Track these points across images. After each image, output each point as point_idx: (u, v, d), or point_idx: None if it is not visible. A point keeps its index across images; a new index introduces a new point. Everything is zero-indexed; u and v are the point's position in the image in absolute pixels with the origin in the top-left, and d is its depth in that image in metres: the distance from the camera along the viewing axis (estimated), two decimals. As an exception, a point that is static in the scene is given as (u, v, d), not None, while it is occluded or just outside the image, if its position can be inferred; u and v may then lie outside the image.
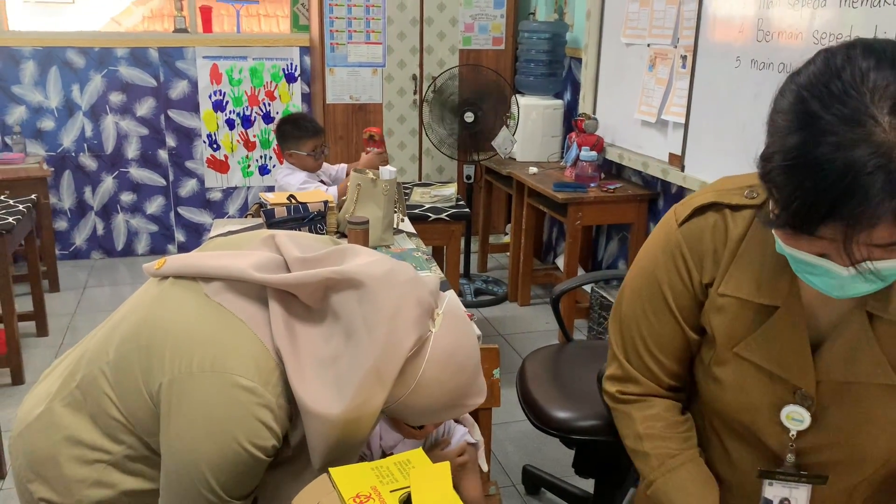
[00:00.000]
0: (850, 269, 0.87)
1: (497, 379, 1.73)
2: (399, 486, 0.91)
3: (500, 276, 4.56)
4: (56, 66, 4.45)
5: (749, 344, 1.08)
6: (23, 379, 3.22)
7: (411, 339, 1.04)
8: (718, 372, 1.13)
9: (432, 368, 1.07)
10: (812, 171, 0.82)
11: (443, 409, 1.12)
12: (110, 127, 4.62)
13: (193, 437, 1.03)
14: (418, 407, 1.09)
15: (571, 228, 3.60)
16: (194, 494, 1.05)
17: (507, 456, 2.81)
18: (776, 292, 1.05)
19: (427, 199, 3.45)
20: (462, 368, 1.10)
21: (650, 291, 1.20)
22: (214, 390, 1.02)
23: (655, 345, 1.21)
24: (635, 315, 1.23)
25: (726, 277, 1.09)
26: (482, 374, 1.16)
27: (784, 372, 1.06)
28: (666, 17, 3.43)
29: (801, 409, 1.07)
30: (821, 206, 0.82)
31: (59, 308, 3.98)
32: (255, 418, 1.02)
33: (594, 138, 3.89)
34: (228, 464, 1.03)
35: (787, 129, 0.85)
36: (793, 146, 0.84)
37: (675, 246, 1.15)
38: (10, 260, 3.11)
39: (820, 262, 0.89)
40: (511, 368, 2.59)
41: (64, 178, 4.63)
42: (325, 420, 1.02)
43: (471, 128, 4.12)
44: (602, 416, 1.89)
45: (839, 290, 0.92)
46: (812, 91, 0.85)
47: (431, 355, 1.07)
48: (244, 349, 1.05)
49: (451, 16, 4.62)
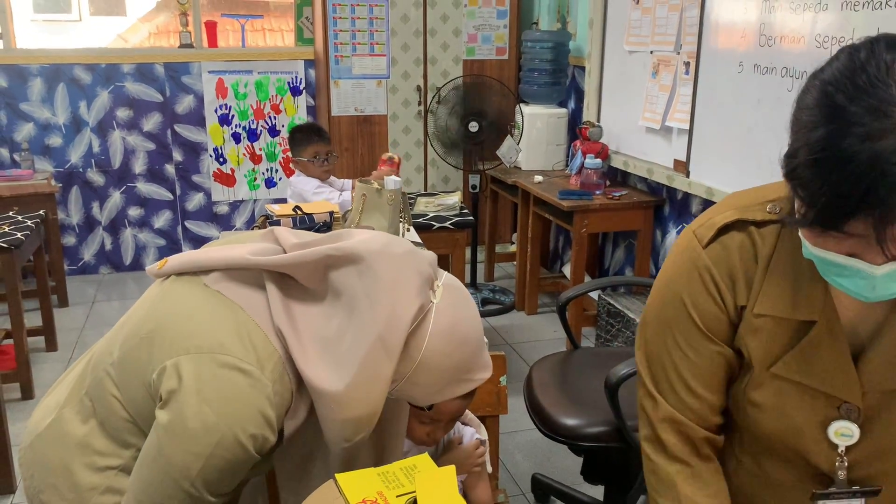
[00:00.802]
0: (882, 268, 0.85)
1: (504, 386, 1.72)
2: (405, 490, 0.91)
3: (507, 285, 4.56)
4: (63, 82, 4.49)
5: (787, 362, 1.04)
6: (32, 394, 3.23)
7: (414, 308, 1.04)
8: (756, 396, 1.08)
9: (436, 340, 1.07)
10: (839, 164, 0.80)
11: (450, 383, 1.11)
12: (117, 142, 4.66)
13: (185, 417, 1.02)
14: (426, 383, 1.09)
15: (577, 236, 3.60)
16: (170, 482, 1.03)
17: (516, 464, 2.80)
18: (812, 306, 1.02)
19: (431, 209, 3.46)
20: (466, 339, 1.10)
21: (680, 320, 1.11)
22: (210, 372, 1.02)
23: (694, 378, 1.11)
24: (667, 349, 1.12)
25: (760, 297, 1.04)
26: (486, 349, 1.16)
27: (827, 387, 1.03)
28: (668, 24, 3.44)
29: (850, 423, 1.03)
30: (849, 199, 0.80)
31: (68, 323, 4.00)
32: (251, 402, 1.02)
33: (599, 146, 3.89)
34: (214, 448, 1.02)
35: (812, 125, 0.84)
36: (818, 139, 0.82)
37: (704, 269, 1.08)
38: (19, 275, 3.13)
39: (850, 261, 0.87)
40: (518, 377, 2.58)
41: (72, 193, 4.66)
42: (333, 397, 1.02)
43: (475, 137, 4.13)
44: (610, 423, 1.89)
45: (871, 292, 0.89)
46: (837, 85, 0.84)
47: (435, 327, 1.07)
48: (242, 333, 1.05)
49: (454, 26, 4.65)
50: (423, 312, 1.06)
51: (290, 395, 1.07)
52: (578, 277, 3.66)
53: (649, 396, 1.15)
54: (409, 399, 1.16)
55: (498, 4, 4.69)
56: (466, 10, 4.65)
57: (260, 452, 1.06)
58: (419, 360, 1.06)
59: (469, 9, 4.65)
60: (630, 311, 3.36)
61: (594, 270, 4.25)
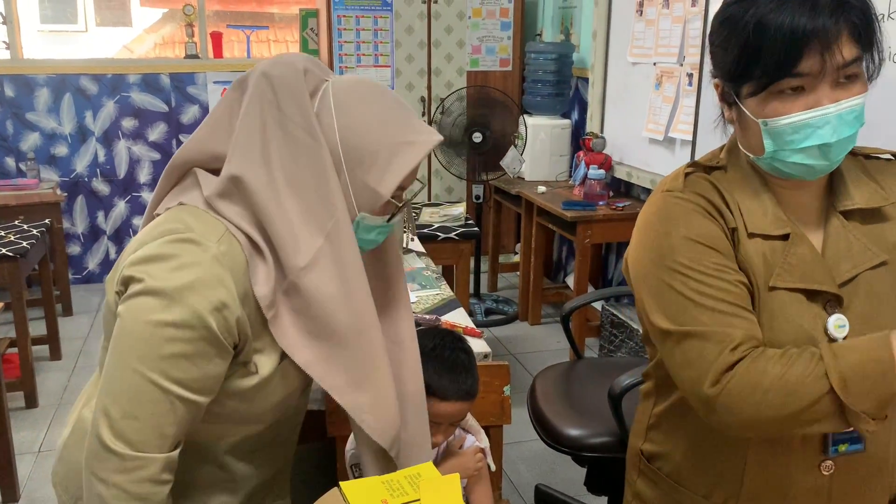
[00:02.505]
0: (839, 105, 1.02)
1: (507, 396, 1.73)
2: (409, 498, 0.91)
3: (511, 295, 4.56)
4: (69, 92, 4.52)
5: (780, 274, 1.11)
6: (36, 402, 3.24)
7: (301, 78, 1.10)
8: (766, 317, 1.11)
9: (343, 106, 1.10)
10: (774, 24, 1.01)
11: (391, 150, 1.10)
12: (122, 152, 4.68)
13: (136, 302, 1.02)
14: (367, 161, 1.10)
15: (581, 247, 3.61)
16: (136, 378, 1.02)
17: (520, 475, 2.80)
18: (780, 221, 1.13)
19: (436, 219, 3.47)
20: (372, 92, 1.13)
21: (699, 253, 1.10)
22: (155, 252, 1.04)
23: (741, 299, 1.09)
24: (705, 283, 1.09)
25: (746, 218, 1.13)
26: (416, 117, 1.17)
27: (812, 283, 1.10)
28: (672, 35, 3.45)
29: (840, 315, 1.10)
30: (797, 42, 0.99)
31: (72, 332, 4.01)
32: (200, 265, 1.03)
33: (602, 157, 3.90)
34: (173, 327, 1.01)
35: (737, 13, 1.06)
36: (750, 17, 1.04)
37: (694, 205, 1.14)
38: (24, 284, 3.14)
39: (812, 113, 1.03)
40: (522, 388, 2.58)
41: (77, 203, 4.68)
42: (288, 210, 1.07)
43: (479, 148, 4.15)
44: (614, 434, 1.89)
45: (832, 135, 1.03)
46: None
47: (336, 97, 1.11)
48: (180, 217, 1.09)
49: (458, 38, 4.67)
50: (318, 90, 1.11)
51: (242, 256, 1.07)
52: (582, 288, 3.66)
53: (703, 339, 1.07)
54: (370, 195, 1.12)
55: (502, 16, 4.72)
56: (470, 22, 4.67)
57: (226, 331, 1.04)
58: (340, 131, 1.09)
59: (473, 20, 4.67)
60: (633, 321, 3.36)
61: (597, 281, 4.25)
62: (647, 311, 1.15)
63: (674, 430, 1.28)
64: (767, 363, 1.03)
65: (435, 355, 1.36)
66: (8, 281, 3.05)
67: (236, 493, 1.26)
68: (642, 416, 1.36)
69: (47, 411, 3.21)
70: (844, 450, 1.14)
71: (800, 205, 1.16)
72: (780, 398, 1.01)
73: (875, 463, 1.17)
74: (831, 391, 0.99)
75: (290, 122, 1.08)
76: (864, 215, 1.16)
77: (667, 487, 1.29)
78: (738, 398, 1.03)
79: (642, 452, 1.35)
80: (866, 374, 0.98)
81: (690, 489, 1.25)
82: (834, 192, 1.17)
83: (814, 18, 0.99)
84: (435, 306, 2.17)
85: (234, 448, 1.22)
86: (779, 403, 1.01)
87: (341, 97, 1.11)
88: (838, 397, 0.99)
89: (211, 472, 1.22)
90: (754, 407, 1.02)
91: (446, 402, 1.34)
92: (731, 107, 1.14)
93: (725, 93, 1.13)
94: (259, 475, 1.28)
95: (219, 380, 1.08)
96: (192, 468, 1.19)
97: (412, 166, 1.11)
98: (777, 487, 1.17)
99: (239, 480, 1.25)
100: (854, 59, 1.02)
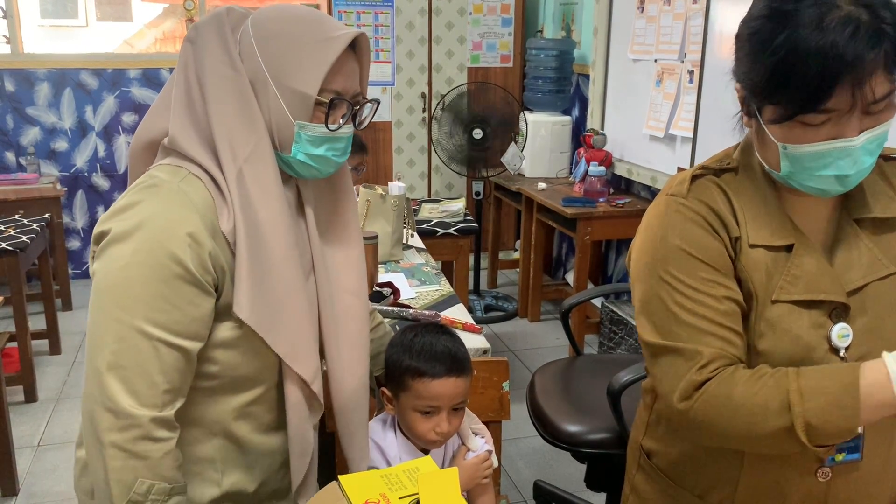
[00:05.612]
0: (859, 138, 0.98)
1: (507, 392, 1.73)
2: (408, 492, 0.91)
3: (510, 292, 4.56)
4: (70, 87, 4.51)
5: (783, 287, 1.10)
6: (36, 397, 3.24)
7: (231, 22, 1.16)
8: (764, 326, 1.11)
9: (261, 27, 1.15)
10: (808, 53, 0.95)
11: (311, 45, 1.13)
12: (123, 147, 4.68)
13: (109, 251, 1.05)
14: (289, 60, 1.12)
15: (581, 243, 3.61)
16: (120, 328, 1.03)
17: (518, 472, 2.80)
18: (785, 231, 1.11)
19: (435, 215, 3.47)
20: (289, 8, 1.17)
21: (689, 265, 1.10)
22: (121, 205, 1.08)
23: (723, 316, 1.09)
24: (690, 297, 1.10)
25: (749, 228, 1.12)
26: (334, 20, 1.20)
27: (817, 293, 1.09)
28: (673, 32, 3.45)
29: (844, 324, 1.10)
30: (831, 74, 0.94)
31: (71, 326, 4.01)
32: (164, 202, 1.06)
33: (602, 153, 3.90)
34: (147, 268, 1.03)
35: (770, 31, 0.99)
36: (783, 40, 0.97)
37: (695, 213, 1.13)
38: (24, 279, 3.14)
39: (833, 144, 0.99)
40: (521, 385, 2.58)
41: (77, 197, 4.68)
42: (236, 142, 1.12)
43: (479, 144, 4.14)
44: (613, 430, 1.89)
45: (852, 168, 1.00)
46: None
47: (254, 20, 1.16)
48: (154, 170, 1.14)
49: (459, 34, 4.67)
50: (241, 22, 1.16)
51: (206, 192, 1.10)
52: (581, 285, 3.66)
53: (677, 354, 1.09)
54: (299, 99, 1.14)
55: (503, 12, 4.71)
56: (471, 18, 4.67)
57: (200, 266, 1.06)
58: (262, 52, 1.13)
59: (474, 17, 4.67)
60: (633, 318, 3.36)
61: (597, 278, 4.25)
62: (636, 314, 1.17)
63: (672, 429, 1.28)
64: (734, 388, 1.03)
65: (418, 341, 1.36)
66: (7, 275, 3.05)
67: (251, 470, 1.24)
68: (643, 412, 1.36)
69: (46, 406, 3.21)
70: (841, 459, 1.12)
71: (811, 211, 1.14)
72: (744, 425, 1.02)
73: (873, 471, 1.16)
74: (793, 427, 0.99)
75: (213, 62, 1.13)
76: (876, 224, 1.14)
77: (664, 484, 1.29)
78: (705, 418, 1.05)
79: (642, 447, 1.35)
80: (829, 420, 0.98)
81: (686, 488, 1.25)
82: (849, 198, 1.14)
83: (853, 45, 0.93)
84: (434, 302, 2.17)
85: (242, 416, 1.21)
86: (743, 428, 1.03)
87: (259, 19, 1.16)
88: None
89: (222, 447, 1.20)
90: (720, 428, 1.05)
91: (438, 379, 1.33)
92: (750, 118, 1.10)
93: (747, 101, 1.10)
94: (273, 454, 1.27)
95: (204, 323, 1.09)
96: (203, 442, 1.18)
97: (331, 60, 1.13)
98: (772, 492, 1.16)
99: (252, 455, 1.23)
100: (885, 95, 0.97)
